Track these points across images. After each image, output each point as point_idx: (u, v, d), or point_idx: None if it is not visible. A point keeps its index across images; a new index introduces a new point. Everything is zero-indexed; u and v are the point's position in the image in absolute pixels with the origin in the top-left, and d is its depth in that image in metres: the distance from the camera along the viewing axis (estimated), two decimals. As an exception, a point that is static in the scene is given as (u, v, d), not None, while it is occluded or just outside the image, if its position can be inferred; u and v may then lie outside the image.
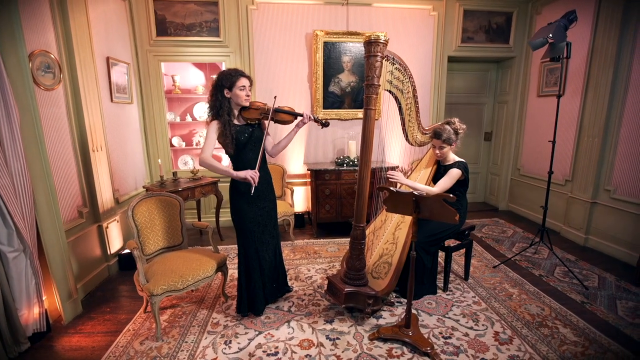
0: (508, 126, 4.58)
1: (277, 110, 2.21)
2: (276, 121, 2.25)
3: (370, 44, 2.05)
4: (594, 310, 2.37)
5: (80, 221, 2.65)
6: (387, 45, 2.10)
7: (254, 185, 2.03)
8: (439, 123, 2.62)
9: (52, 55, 2.37)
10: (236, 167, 2.20)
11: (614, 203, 3.23)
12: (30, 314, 2.04)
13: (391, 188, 1.90)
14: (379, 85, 2.13)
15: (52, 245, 2.21)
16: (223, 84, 2.08)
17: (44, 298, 2.13)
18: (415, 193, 1.80)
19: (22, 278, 1.99)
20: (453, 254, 3.26)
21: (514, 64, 4.36)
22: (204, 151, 2.08)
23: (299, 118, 2.27)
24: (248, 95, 2.13)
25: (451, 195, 1.72)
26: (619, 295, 2.56)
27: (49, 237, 2.18)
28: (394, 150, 4.16)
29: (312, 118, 2.27)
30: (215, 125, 2.10)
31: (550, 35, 2.46)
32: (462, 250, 2.88)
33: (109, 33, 3.13)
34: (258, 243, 2.27)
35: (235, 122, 2.17)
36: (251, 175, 2.02)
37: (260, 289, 2.32)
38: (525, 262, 3.15)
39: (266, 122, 2.18)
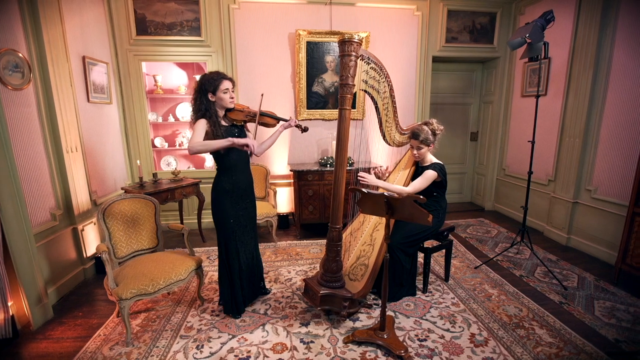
0: (493, 126, 4.59)
1: (263, 114, 2.29)
2: (261, 124, 2.31)
3: (345, 43, 2.03)
4: (571, 311, 2.37)
5: (52, 224, 2.58)
6: (361, 44, 2.09)
7: (253, 151, 2.03)
8: (417, 123, 2.60)
9: (20, 54, 2.31)
10: (223, 166, 2.21)
11: (594, 203, 3.24)
12: (-6, 320, 1.99)
13: (363, 189, 1.88)
14: (354, 85, 2.11)
15: (19, 249, 2.15)
16: (206, 88, 2.08)
17: (9, 303, 2.07)
18: (386, 194, 1.77)
19: (-15, 283, 1.94)
20: (436, 254, 3.28)
21: (499, 64, 4.37)
22: (192, 140, 1.97)
23: (281, 122, 2.39)
24: (232, 98, 2.15)
25: (421, 197, 1.69)
26: (597, 295, 2.56)
27: (16, 241, 2.13)
28: (379, 149, 4.14)
29: (296, 123, 2.38)
30: (204, 123, 2.05)
31: (527, 35, 2.45)
32: (444, 251, 2.87)
33: (86, 32, 3.07)
34: (239, 243, 2.28)
35: (223, 122, 2.17)
36: (252, 143, 2.01)
37: (239, 289, 2.31)
38: (507, 263, 3.14)
39: (251, 124, 2.25)
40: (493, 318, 2.30)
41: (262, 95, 2.31)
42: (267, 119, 2.32)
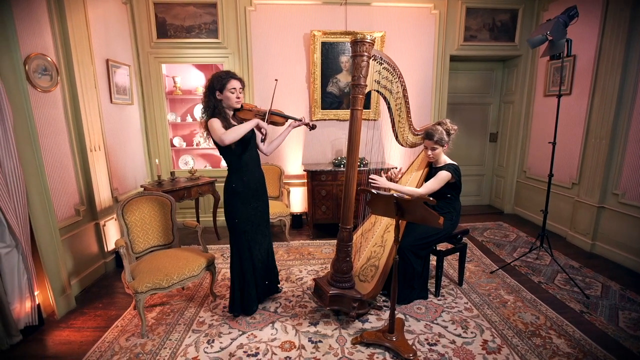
0: (514, 127, 4.44)
1: (272, 113, 2.28)
2: (271, 122, 2.31)
3: (357, 43, 2.03)
4: (592, 321, 2.26)
5: (76, 219, 2.72)
6: (374, 44, 2.08)
7: (265, 130, 2.14)
8: (431, 124, 2.56)
9: (49, 58, 2.44)
10: (234, 167, 2.23)
11: (622, 208, 3.07)
12: (22, 308, 2.11)
13: (372, 190, 1.87)
14: (366, 85, 2.11)
15: (46, 242, 2.28)
16: (214, 86, 2.12)
17: (36, 293, 2.20)
18: (395, 195, 1.76)
19: (14, 273, 2.07)
20: (451, 258, 3.21)
21: (520, 63, 4.22)
22: (219, 133, 2.01)
23: (290, 120, 2.35)
24: (239, 98, 2.15)
25: (431, 199, 1.67)
26: (622, 306, 2.43)
27: (42, 234, 2.25)
28: (394, 150, 4.09)
29: (304, 121, 2.34)
30: (217, 121, 2.07)
31: (549, 32, 2.36)
32: (458, 255, 2.80)
33: (109, 36, 3.21)
34: (251, 242, 2.29)
35: (232, 122, 2.20)
36: (266, 126, 2.15)
37: (253, 288, 2.33)
38: (525, 268, 3.03)
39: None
40: (508, 325, 2.23)
41: (276, 80, 2.40)
42: (276, 118, 2.31)
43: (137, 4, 3.60)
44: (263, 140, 2.30)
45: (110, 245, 3.10)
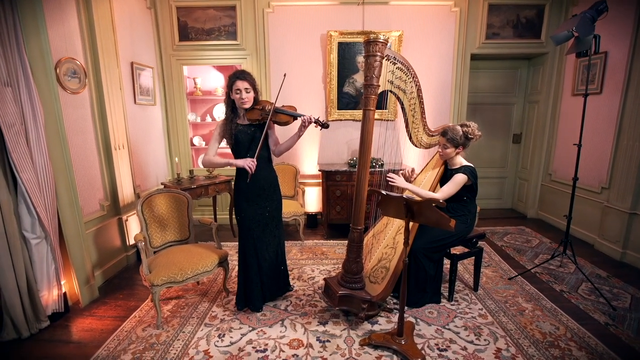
0: (539, 128, 4.24)
1: (277, 111, 2.23)
2: (275, 122, 2.27)
3: (369, 43, 2.03)
4: (618, 334, 2.13)
5: (101, 213, 2.87)
6: (387, 44, 2.06)
7: (250, 173, 2.11)
8: (448, 125, 2.50)
9: (78, 62, 2.60)
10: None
11: (656, 215, 2.87)
12: (50, 296, 2.26)
13: (382, 191, 1.85)
14: (378, 86, 2.09)
15: (72, 234, 2.42)
16: (227, 87, 2.22)
17: (62, 282, 2.34)
18: (405, 196, 1.73)
19: (43, 263, 2.21)
20: (467, 262, 3.12)
21: (547, 61, 4.03)
22: (207, 152, 2.30)
23: (299, 119, 2.22)
24: (242, 99, 2.15)
25: (441, 201, 1.63)
26: (653, 319, 2.27)
27: (69, 227, 2.40)
28: (411, 151, 4.02)
29: (313, 120, 2.18)
30: (219, 128, 2.28)
31: (574, 28, 2.24)
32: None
33: (134, 40, 3.37)
34: (257, 241, 2.31)
35: (239, 121, 2.25)
36: (249, 164, 2.11)
37: (257, 286, 2.36)
38: (547, 276, 2.90)
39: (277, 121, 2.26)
40: (524, 334, 2.14)
41: (284, 75, 2.38)
42: (281, 116, 2.22)
43: (161, 8, 3.75)
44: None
45: (132, 240, 3.24)
